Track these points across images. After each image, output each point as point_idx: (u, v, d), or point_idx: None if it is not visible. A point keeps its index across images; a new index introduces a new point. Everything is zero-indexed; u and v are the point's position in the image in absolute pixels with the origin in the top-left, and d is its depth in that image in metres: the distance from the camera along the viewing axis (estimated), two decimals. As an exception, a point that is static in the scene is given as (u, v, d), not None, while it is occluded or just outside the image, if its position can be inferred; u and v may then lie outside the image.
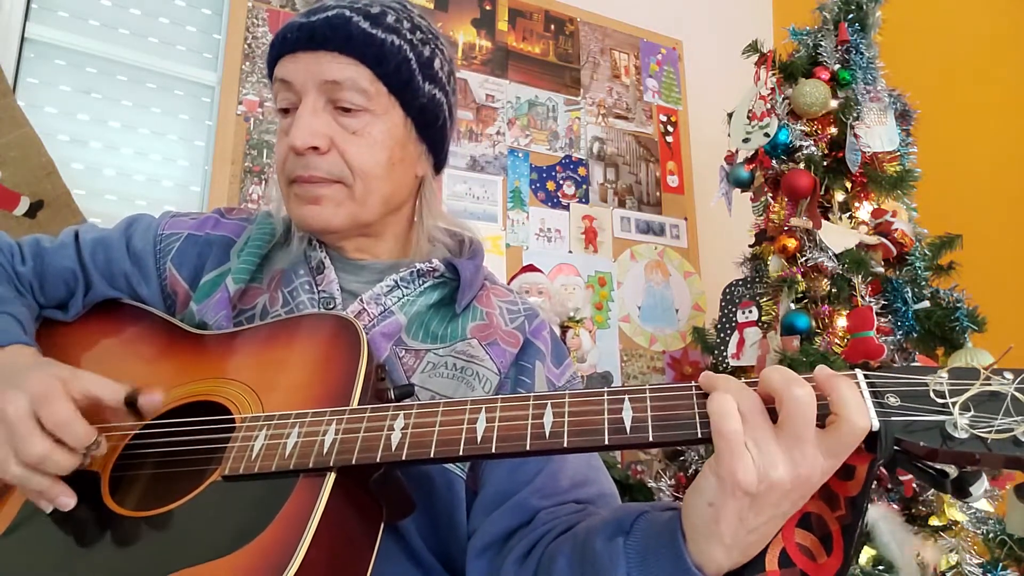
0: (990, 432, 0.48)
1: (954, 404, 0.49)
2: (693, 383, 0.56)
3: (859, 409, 0.50)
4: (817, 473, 0.51)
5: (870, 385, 0.53)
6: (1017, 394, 0.48)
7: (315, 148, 0.81)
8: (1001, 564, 1.63)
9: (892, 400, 0.51)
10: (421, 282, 0.89)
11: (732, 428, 0.51)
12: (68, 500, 0.65)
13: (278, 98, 0.85)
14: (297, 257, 0.90)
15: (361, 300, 0.85)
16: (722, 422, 0.51)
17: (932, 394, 0.50)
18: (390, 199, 0.88)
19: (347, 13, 0.83)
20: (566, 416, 0.57)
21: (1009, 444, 0.47)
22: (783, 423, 0.51)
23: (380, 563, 0.65)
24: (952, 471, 0.51)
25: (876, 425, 0.50)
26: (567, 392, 0.59)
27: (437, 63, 0.89)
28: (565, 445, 0.56)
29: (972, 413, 0.49)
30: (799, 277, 1.95)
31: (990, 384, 0.49)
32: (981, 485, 0.53)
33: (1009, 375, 0.50)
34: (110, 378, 0.78)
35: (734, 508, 0.51)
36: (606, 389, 0.58)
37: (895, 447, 0.50)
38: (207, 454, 0.68)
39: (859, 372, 0.53)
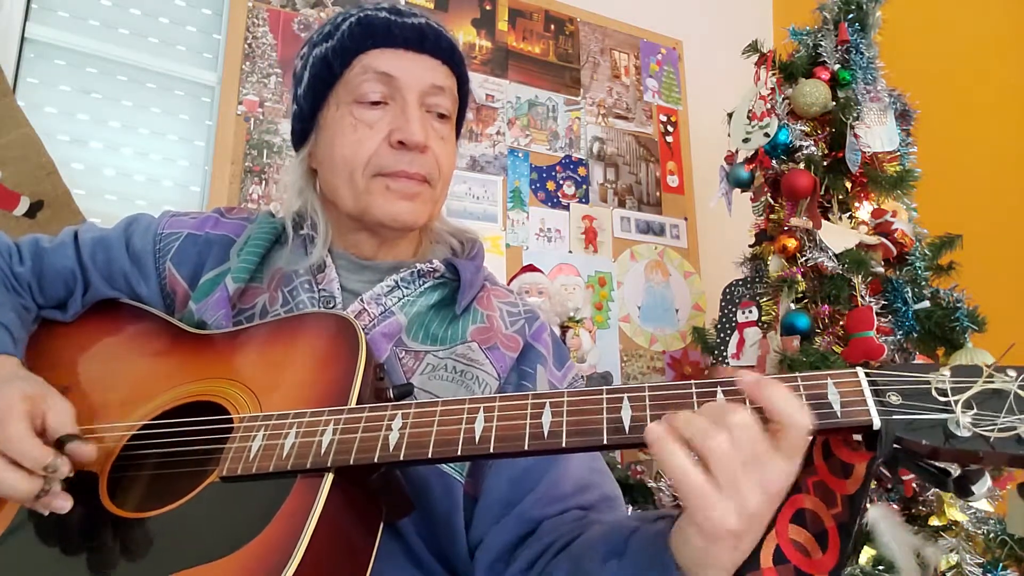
0: (993, 430, 0.47)
1: (956, 402, 0.49)
2: (692, 382, 0.56)
3: (794, 409, 0.50)
4: (783, 479, 0.51)
5: (871, 383, 0.52)
6: (1020, 392, 0.48)
7: (425, 147, 0.84)
8: (1001, 564, 1.63)
9: (894, 398, 0.51)
10: (421, 282, 0.89)
11: (697, 481, 0.50)
12: (64, 503, 0.65)
13: (369, 88, 0.84)
14: (297, 256, 0.89)
15: (362, 300, 0.85)
16: (685, 478, 0.50)
17: (934, 392, 0.50)
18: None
19: (435, 24, 0.88)
20: (564, 416, 0.57)
21: (1012, 442, 0.47)
22: (738, 451, 0.50)
23: (380, 564, 0.65)
24: (954, 470, 0.50)
25: (877, 423, 0.50)
26: (565, 391, 0.59)
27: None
28: (564, 445, 0.56)
29: (975, 411, 0.48)
30: (799, 277, 1.94)
31: (993, 382, 0.49)
32: (984, 484, 0.52)
33: (1012, 372, 0.49)
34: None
35: (725, 545, 0.51)
36: (605, 388, 0.58)
37: (896, 445, 0.50)
38: (205, 455, 0.68)
39: (860, 370, 0.53)
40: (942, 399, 0.49)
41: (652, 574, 0.57)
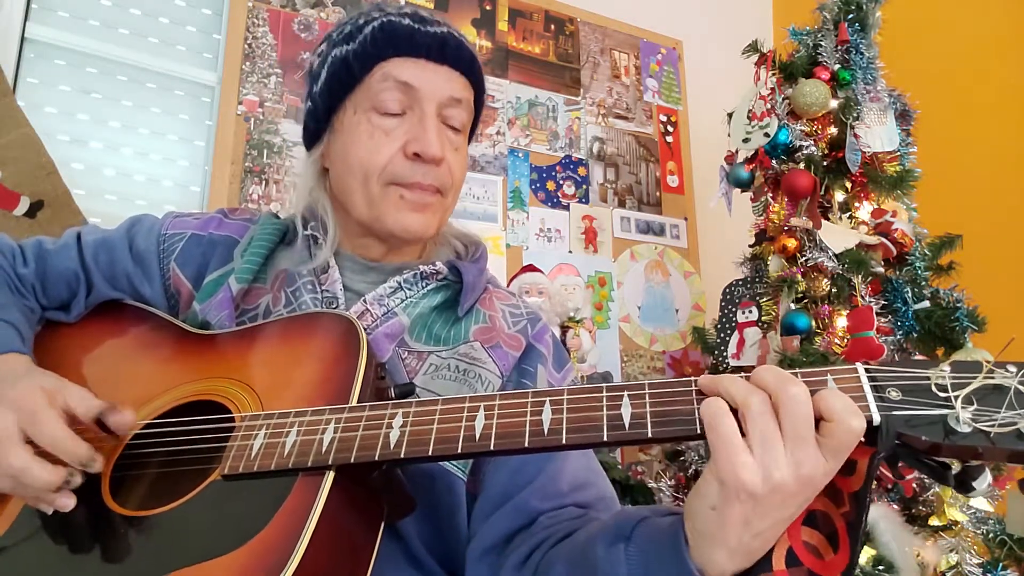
0: (993, 426, 0.47)
1: (956, 398, 0.49)
2: (693, 378, 0.56)
3: (849, 410, 0.50)
4: (820, 474, 0.50)
5: (871, 379, 0.52)
6: (1020, 387, 0.48)
7: (441, 159, 0.84)
8: (1001, 564, 1.63)
9: (894, 394, 0.51)
10: (424, 284, 0.89)
11: (728, 426, 0.50)
12: (67, 501, 0.65)
13: (388, 96, 0.83)
14: (302, 257, 0.90)
15: (364, 300, 0.85)
16: (715, 421, 0.51)
17: (934, 388, 0.50)
18: None
19: (456, 34, 0.88)
20: (564, 413, 0.57)
21: (1012, 438, 0.47)
22: (783, 423, 0.50)
23: (381, 565, 0.65)
24: (955, 465, 0.50)
25: (877, 419, 0.50)
26: (565, 389, 0.59)
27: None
28: (564, 442, 0.56)
29: (975, 407, 0.48)
30: (799, 277, 1.94)
31: (993, 377, 0.49)
32: (984, 479, 0.52)
33: (1012, 368, 0.49)
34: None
35: (739, 512, 0.50)
36: (604, 385, 0.58)
37: (896, 441, 0.49)
38: (207, 453, 0.68)
39: (859, 366, 0.53)
40: (942, 395, 0.49)
41: (665, 556, 0.57)
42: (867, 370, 0.52)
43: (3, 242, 0.89)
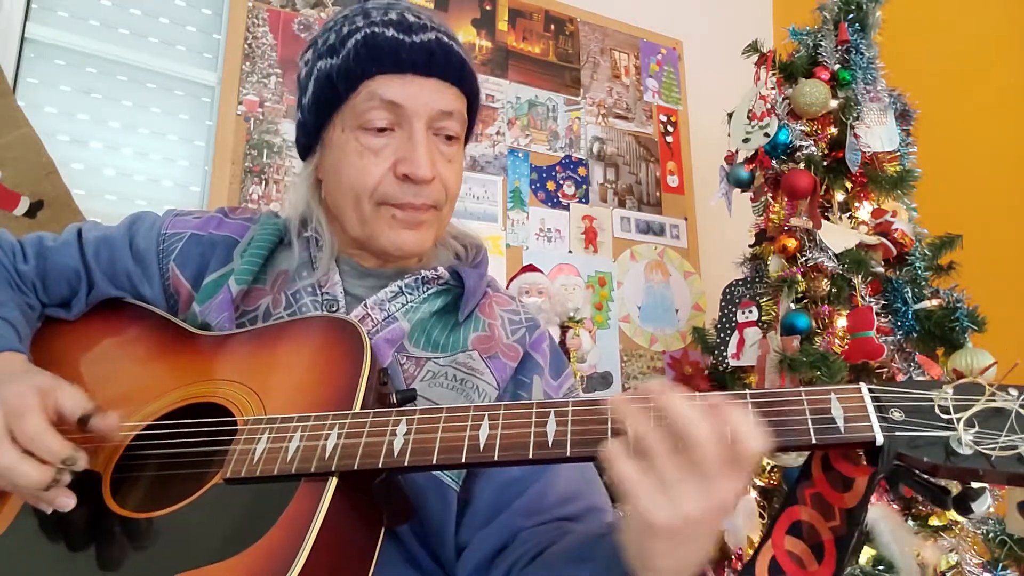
0: (994, 449, 0.48)
1: (959, 420, 0.49)
2: (696, 395, 0.56)
3: (751, 435, 0.50)
4: (731, 495, 0.51)
5: (874, 399, 0.52)
6: (1021, 411, 0.48)
7: (432, 179, 0.82)
8: (1001, 564, 1.63)
9: (896, 415, 0.51)
10: (425, 289, 0.89)
11: (624, 471, 0.51)
12: (67, 501, 0.65)
13: (375, 116, 0.80)
14: (301, 259, 0.89)
15: (365, 305, 0.85)
16: (612, 470, 0.51)
17: (937, 409, 0.50)
18: None
19: (445, 39, 0.83)
20: (569, 425, 0.57)
21: (1013, 461, 0.47)
22: (692, 463, 0.50)
23: (379, 569, 0.65)
24: (954, 487, 0.51)
25: (880, 439, 0.50)
26: (570, 400, 0.59)
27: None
28: (568, 454, 0.56)
29: (976, 429, 0.49)
30: (799, 277, 1.94)
31: (995, 400, 0.49)
32: (984, 501, 0.53)
33: (1014, 391, 0.50)
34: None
35: (660, 545, 0.52)
36: (608, 399, 0.58)
37: (897, 462, 0.50)
38: (209, 456, 0.68)
39: (863, 386, 0.53)
40: (944, 416, 0.50)
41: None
42: (871, 390, 0.53)
43: (3, 238, 0.89)
